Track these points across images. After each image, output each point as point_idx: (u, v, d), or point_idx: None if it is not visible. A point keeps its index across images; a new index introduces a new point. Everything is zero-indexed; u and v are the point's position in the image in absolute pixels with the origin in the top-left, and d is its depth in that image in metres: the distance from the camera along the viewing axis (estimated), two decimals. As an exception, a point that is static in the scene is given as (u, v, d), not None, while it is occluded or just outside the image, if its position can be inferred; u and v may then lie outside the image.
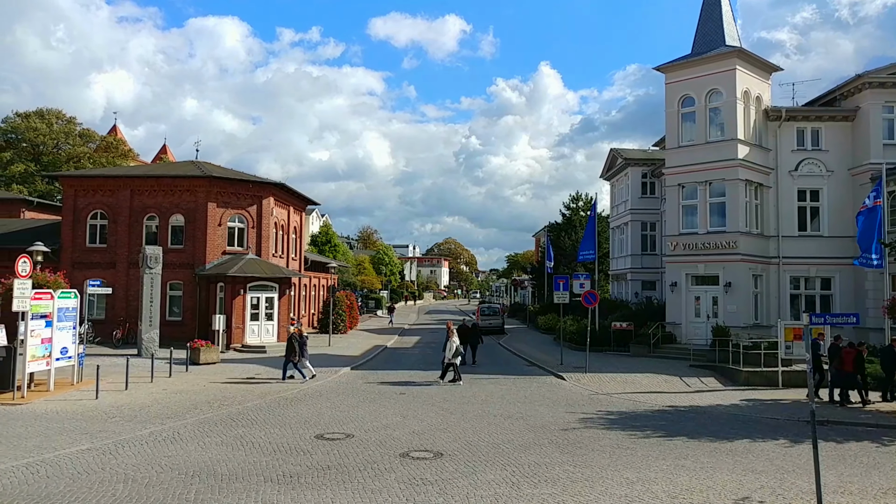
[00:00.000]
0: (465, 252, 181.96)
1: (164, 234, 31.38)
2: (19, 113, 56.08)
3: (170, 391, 19.22)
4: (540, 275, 55.78)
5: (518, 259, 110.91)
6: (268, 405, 17.50)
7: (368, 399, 18.68)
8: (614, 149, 43.41)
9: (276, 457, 12.02)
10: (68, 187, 32.74)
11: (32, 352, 17.71)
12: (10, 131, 54.92)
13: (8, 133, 54.99)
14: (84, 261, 31.13)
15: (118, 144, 59.96)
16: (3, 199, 43.52)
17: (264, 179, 34.92)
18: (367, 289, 71.65)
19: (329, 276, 47.06)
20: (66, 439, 13.03)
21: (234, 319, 30.17)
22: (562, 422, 15.78)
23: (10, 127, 55.08)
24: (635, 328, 30.57)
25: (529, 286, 71.19)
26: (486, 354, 31.60)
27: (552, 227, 57.06)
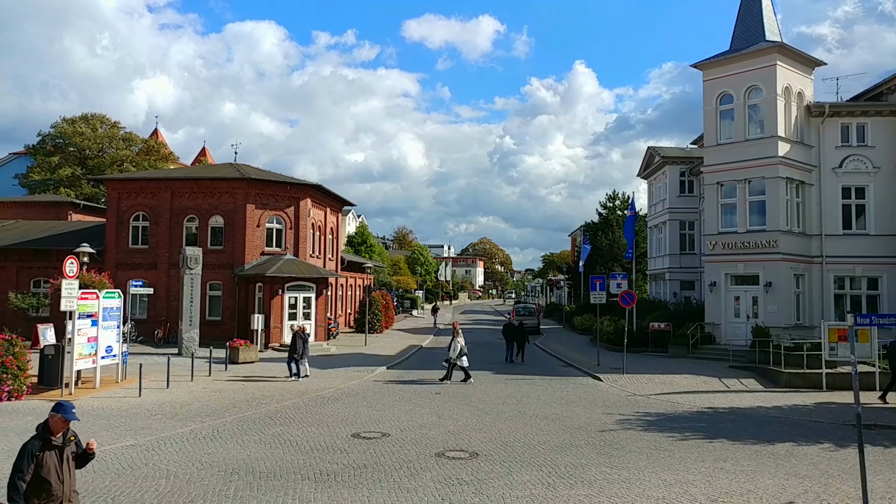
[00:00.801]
0: (499, 252, 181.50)
1: (204, 236, 31.93)
2: (66, 118, 57.63)
3: (209, 390, 19.55)
4: (576, 275, 55.37)
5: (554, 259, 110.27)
6: (305, 404, 17.70)
7: (404, 398, 18.76)
8: (652, 147, 42.89)
9: (313, 455, 12.16)
10: (112, 190, 33.54)
11: (79, 350, 18.19)
12: (58, 136, 56.44)
13: (56, 138, 56.51)
14: (127, 261, 31.85)
15: (159, 147, 61.17)
16: (52, 203, 44.85)
17: (301, 181, 35.30)
18: (402, 289, 71.97)
19: (365, 276, 47.39)
20: (111, 435, 13.35)
21: (272, 319, 30.57)
22: (598, 423, 15.65)
23: (58, 132, 56.59)
24: (673, 329, 30.16)
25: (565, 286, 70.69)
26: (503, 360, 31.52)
27: (588, 227, 56.59)
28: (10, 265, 32.74)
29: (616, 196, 56.70)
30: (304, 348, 22.07)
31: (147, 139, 62.23)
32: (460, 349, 21.98)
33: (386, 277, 65.76)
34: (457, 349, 21.95)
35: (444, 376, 22.13)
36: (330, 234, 39.01)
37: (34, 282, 32.16)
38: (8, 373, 16.80)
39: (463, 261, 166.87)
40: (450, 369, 22.10)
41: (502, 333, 30.63)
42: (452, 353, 22.02)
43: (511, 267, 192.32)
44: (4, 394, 16.72)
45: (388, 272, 69.49)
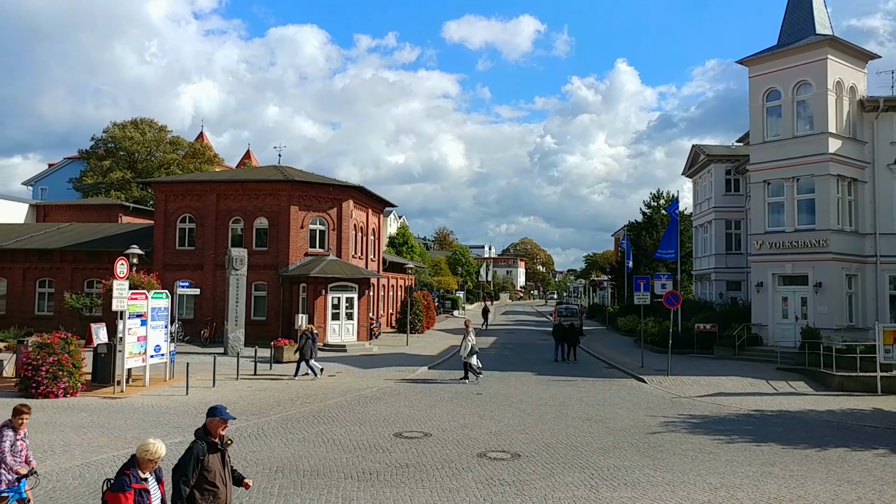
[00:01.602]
0: (541, 252, 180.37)
1: (249, 237, 32.47)
2: (117, 123, 59.27)
3: (254, 388, 19.89)
4: (619, 275, 54.72)
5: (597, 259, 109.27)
6: (348, 403, 17.87)
7: (445, 399, 18.80)
8: (696, 145, 42.16)
9: (356, 454, 12.27)
10: (160, 193, 34.35)
11: (130, 349, 18.69)
12: (109, 141, 58.11)
13: (107, 143, 58.21)
14: (174, 263, 32.59)
15: (205, 150, 62.45)
16: (104, 205, 46.23)
17: (344, 183, 35.65)
18: (443, 289, 72.06)
19: (406, 277, 47.61)
20: (160, 432, 13.67)
21: (315, 319, 30.92)
22: (642, 425, 15.45)
23: (109, 137, 58.27)
24: (719, 330, 29.59)
25: (608, 287, 69.90)
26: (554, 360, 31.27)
27: (632, 227, 55.88)
28: (66, 266, 33.81)
29: (660, 195, 55.88)
30: (312, 347, 22.39)
31: (193, 142, 63.61)
32: (471, 348, 22.06)
33: (427, 278, 65.93)
34: (467, 347, 22.09)
35: (465, 376, 22.29)
36: (372, 235, 39.31)
37: (87, 282, 33.14)
38: (64, 370, 17.36)
39: (504, 261, 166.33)
40: (465, 368, 22.27)
41: (552, 334, 31.22)
42: (463, 351, 22.21)
43: (553, 267, 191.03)
44: (60, 390, 17.27)
45: (429, 273, 69.66)
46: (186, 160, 58.84)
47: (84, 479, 10.40)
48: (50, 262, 34.04)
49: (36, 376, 17.16)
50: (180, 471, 6.12)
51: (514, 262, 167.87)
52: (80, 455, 11.73)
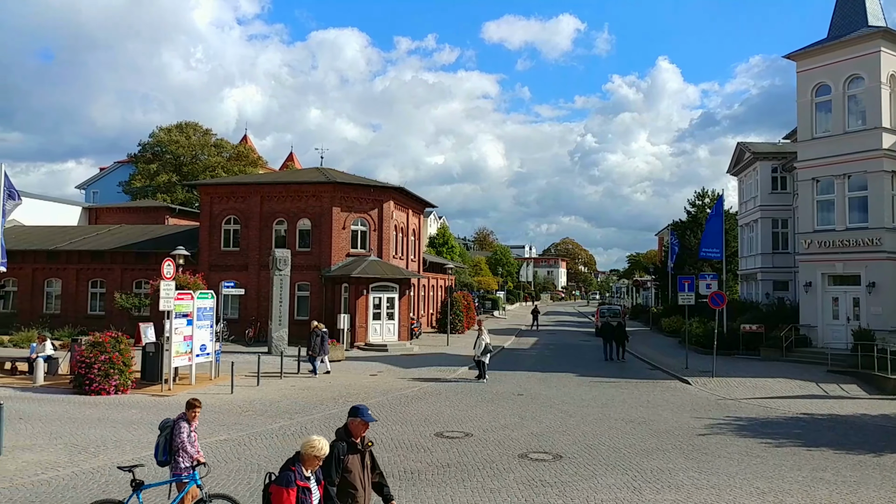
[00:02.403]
0: (583, 252, 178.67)
1: (292, 238, 32.89)
2: (163, 128, 60.74)
3: (298, 387, 20.14)
4: (663, 275, 53.90)
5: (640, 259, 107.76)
6: (389, 402, 17.97)
7: (486, 399, 18.77)
8: (741, 143, 41.30)
9: (397, 453, 12.33)
10: (205, 195, 35.03)
11: (176, 348, 19.10)
12: (156, 145, 59.55)
13: (154, 147, 59.66)
14: (219, 263, 33.19)
15: (248, 153, 63.47)
16: (151, 208, 47.38)
17: (384, 184, 35.88)
18: (483, 289, 71.94)
19: (446, 277, 47.69)
20: (206, 430, 13.94)
21: (357, 319, 31.21)
22: (687, 427, 15.20)
23: (156, 141, 59.71)
24: (766, 331, 28.93)
25: (652, 287, 68.92)
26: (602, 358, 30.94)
27: (676, 226, 55.00)
28: (116, 267, 34.73)
29: (705, 194, 54.90)
30: (321, 345, 22.71)
31: (237, 145, 64.73)
32: (485, 346, 22.09)
33: (467, 278, 65.93)
34: (481, 346, 22.08)
35: (478, 374, 22.38)
36: (412, 236, 39.48)
37: (136, 283, 33.96)
38: (115, 368, 17.84)
39: (545, 261, 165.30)
40: (481, 367, 22.30)
41: (601, 333, 31.63)
42: (477, 350, 22.22)
43: (595, 267, 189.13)
44: (112, 388, 17.75)
45: (470, 273, 69.64)
46: (231, 163, 59.92)
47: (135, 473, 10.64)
48: (101, 263, 35.02)
49: (89, 374, 17.67)
50: (323, 474, 5.97)
51: (556, 262, 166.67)
52: (131, 450, 12.03)
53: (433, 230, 74.00)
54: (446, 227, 78.10)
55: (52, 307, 35.33)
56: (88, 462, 11.22)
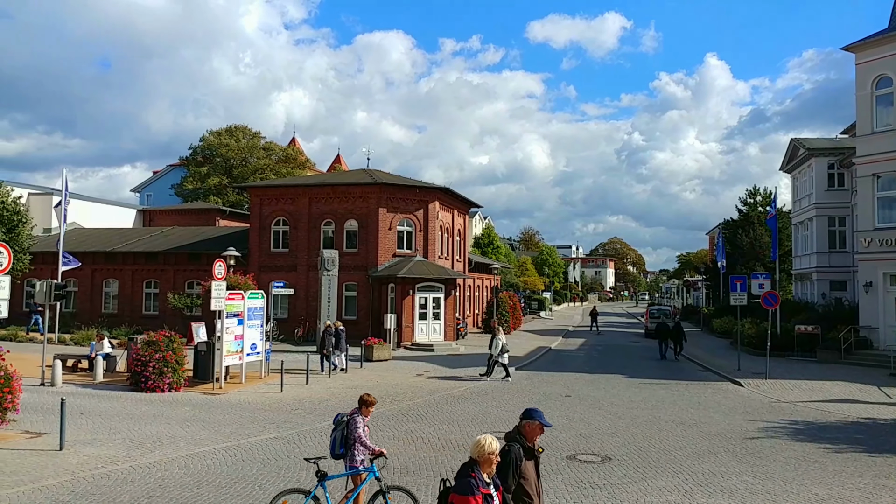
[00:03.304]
0: (631, 252, 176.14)
1: (340, 239, 33.27)
2: (213, 131, 62.13)
3: (346, 386, 20.34)
4: (714, 275, 52.76)
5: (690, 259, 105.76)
6: (436, 402, 18.01)
7: (533, 400, 18.65)
8: (795, 139, 40.16)
9: (444, 453, 12.35)
10: (255, 197, 35.68)
11: (227, 347, 19.48)
12: (206, 148, 60.94)
13: (205, 150, 61.05)
14: (269, 264, 33.76)
15: (297, 156, 64.42)
16: (202, 210, 48.55)
17: (430, 184, 36.01)
18: (529, 290, 71.57)
19: (492, 277, 47.58)
20: (256, 427, 14.21)
21: (403, 318, 31.39)
22: (739, 430, 14.85)
23: (207, 145, 61.10)
24: (822, 332, 28.07)
25: (703, 287, 67.56)
26: (657, 358, 30.49)
27: (727, 225, 53.77)
28: (169, 268, 35.66)
29: (757, 192, 53.56)
30: (336, 343, 22.94)
31: (286, 148, 65.74)
32: (502, 346, 22.06)
33: (513, 278, 65.68)
34: (498, 346, 22.04)
35: (484, 372, 22.44)
36: (457, 236, 39.52)
37: (188, 283, 34.80)
38: (168, 367, 18.30)
39: (592, 261, 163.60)
40: (491, 365, 22.32)
41: (656, 333, 32.10)
42: (494, 350, 22.18)
43: (644, 267, 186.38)
44: (165, 385, 18.21)
45: (515, 273, 69.35)
46: (279, 165, 60.92)
47: (189, 469, 10.92)
48: (155, 264, 36.00)
49: (144, 372, 18.17)
50: (498, 476, 5.52)
51: (603, 262, 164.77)
52: (185, 447, 12.32)
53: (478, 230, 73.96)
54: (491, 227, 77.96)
55: (110, 307, 36.45)
56: (145, 457, 11.53)
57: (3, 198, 23.62)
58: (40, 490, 9.65)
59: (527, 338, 39.53)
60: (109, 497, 9.44)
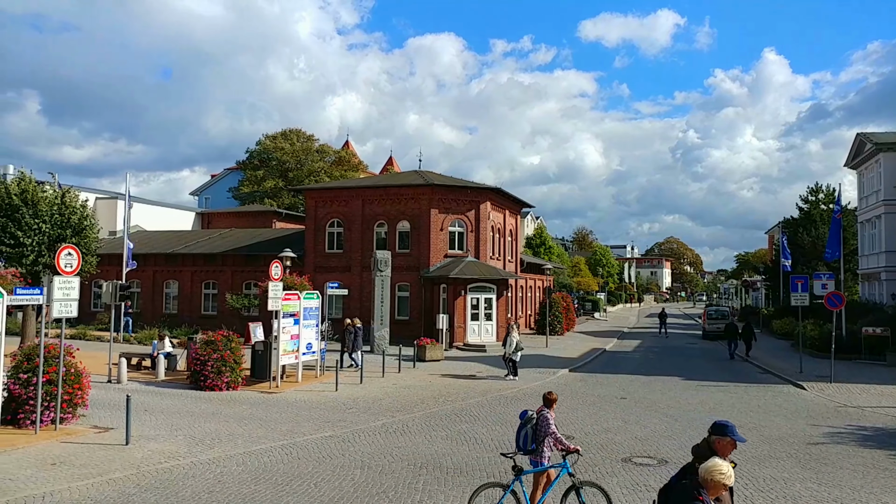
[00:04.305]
0: (688, 252, 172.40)
1: (392, 240, 33.55)
2: (268, 135, 63.45)
3: (399, 386, 20.49)
4: (774, 275, 51.24)
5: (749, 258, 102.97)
6: (489, 402, 17.98)
7: (588, 402, 18.46)
8: (861, 134, 38.70)
9: (497, 454, 12.31)
10: (310, 199, 36.27)
11: (284, 346, 19.84)
12: (262, 152, 62.28)
13: (261, 154, 62.39)
14: (324, 265, 34.26)
15: (350, 158, 65.29)
16: (259, 212, 49.62)
17: (481, 185, 35.98)
18: (583, 290, 70.79)
19: (544, 278, 47.25)
20: (311, 426, 14.43)
21: (455, 319, 31.44)
22: (803, 435, 14.38)
23: (262, 148, 62.45)
24: (892, 334, 26.96)
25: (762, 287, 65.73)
26: (713, 360, 29.82)
27: (787, 223, 52.16)
28: (227, 269, 36.53)
29: (819, 189, 51.79)
30: (355, 341, 23.24)
31: (339, 150, 66.65)
32: (516, 344, 22.19)
33: (566, 279, 65.03)
34: (512, 344, 22.18)
35: (507, 372, 22.65)
36: (509, 236, 39.38)
37: (245, 284, 35.57)
38: (226, 366, 18.73)
39: (647, 261, 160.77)
40: (512, 365, 22.49)
41: (725, 332, 32.33)
42: (508, 347, 22.32)
43: (701, 267, 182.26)
44: (224, 384, 18.65)
45: (569, 274, 68.65)
46: (333, 168, 61.80)
47: (247, 466, 11.16)
48: (214, 265, 36.92)
49: (203, 370, 18.64)
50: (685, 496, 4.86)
51: (659, 262, 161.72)
52: (242, 444, 12.60)
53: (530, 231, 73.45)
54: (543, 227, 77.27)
55: (170, 307, 37.54)
56: (205, 453, 11.83)
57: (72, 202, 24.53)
58: (108, 483, 10.01)
59: (580, 339, 39.13)
60: (172, 491, 9.72)
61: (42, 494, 9.35)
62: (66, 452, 11.57)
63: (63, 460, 11.06)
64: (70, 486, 9.75)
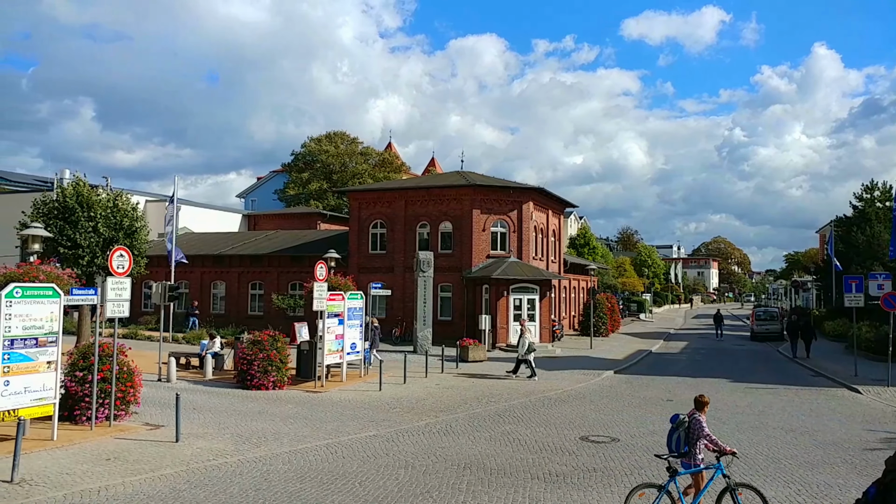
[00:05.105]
0: (736, 252, 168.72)
1: (435, 240, 33.64)
2: (313, 138, 64.27)
3: (442, 386, 20.53)
4: (826, 275, 49.85)
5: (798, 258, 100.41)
6: (532, 404, 17.89)
7: (633, 404, 18.23)
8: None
9: (541, 455, 12.25)
10: (353, 201, 36.63)
11: (328, 346, 20.05)
12: (307, 155, 63.13)
13: (306, 156, 63.25)
14: (367, 266, 34.54)
15: (392, 160, 65.71)
16: (304, 214, 50.33)
17: (523, 185, 35.83)
18: (628, 291, 69.89)
19: (588, 279, 46.80)
20: (356, 425, 14.56)
21: (498, 320, 31.35)
22: (858, 440, 13.95)
23: (307, 151, 63.29)
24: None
25: (813, 288, 64.00)
26: (763, 362, 29.15)
27: (840, 222, 50.61)
28: (273, 270, 37.12)
29: (874, 186, 50.13)
30: (373, 339, 23.72)
31: (382, 152, 67.10)
32: (528, 345, 22.46)
33: (611, 279, 64.26)
34: (524, 345, 22.44)
35: (513, 369, 23.03)
36: (552, 237, 39.12)
37: (291, 284, 36.08)
38: (272, 365, 19.03)
39: (694, 261, 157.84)
40: (517, 365, 22.92)
41: (788, 331, 32.84)
42: (521, 348, 22.57)
43: (749, 268, 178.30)
44: (270, 383, 18.94)
45: (613, 274, 67.81)
46: (376, 169, 62.26)
47: (292, 464, 11.32)
48: (260, 266, 37.56)
49: (250, 370, 18.96)
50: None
51: (706, 262, 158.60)
52: (288, 443, 12.78)
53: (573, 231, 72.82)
54: (587, 227, 76.52)
55: (218, 307, 38.31)
56: (252, 452, 12.04)
57: (124, 205, 25.25)
58: (160, 478, 10.26)
59: (625, 341, 38.66)
60: (220, 488, 9.92)
61: (98, 489, 9.64)
62: (119, 448, 11.90)
63: (117, 456, 11.38)
64: (124, 480, 10.04)
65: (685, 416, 8.74)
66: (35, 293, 11.90)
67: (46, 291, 12.11)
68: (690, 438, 8.55)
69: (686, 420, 8.68)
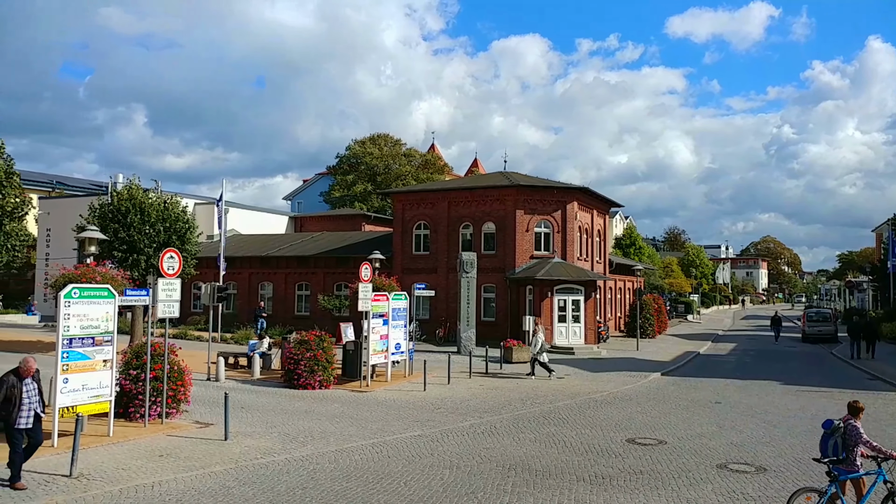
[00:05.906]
0: (786, 251, 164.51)
1: (478, 241, 33.62)
2: (357, 141, 64.97)
3: (486, 387, 20.52)
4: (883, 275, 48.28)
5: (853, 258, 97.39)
6: (578, 406, 17.75)
7: (680, 406, 17.94)
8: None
9: (587, 457, 12.16)
10: (397, 202, 36.86)
11: (373, 346, 20.23)
12: (352, 157, 63.82)
13: (350, 159, 63.95)
14: (411, 266, 34.71)
15: (435, 161, 65.98)
16: (349, 216, 50.87)
17: (567, 185, 35.56)
18: (675, 292, 68.78)
19: (635, 279, 46.20)
20: (401, 425, 14.66)
21: (542, 321, 31.14)
22: (917, 446, 13.46)
23: (352, 153, 63.99)
24: None
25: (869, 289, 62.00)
26: (816, 364, 28.40)
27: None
28: (319, 271, 37.60)
29: (934, 183, 48.36)
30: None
31: (425, 154, 67.39)
32: (541, 345, 22.26)
33: (657, 280, 63.30)
34: (537, 345, 22.25)
35: (529, 372, 22.75)
36: (597, 237, 38.72)
37: (336, 285, 36.47)
38: (319, 365, 19.27)
39: (743, 261, 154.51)
40: (532, 364, 22.66)
41: (849, 331, 31.67)
42: (533, 349, 22.44)
43: (799, 268, 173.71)
44: (316, 383, 19.19)
45: (660, 275, 66.79)
46: (420, 171, 62.59)
47: (338, 463, 11.45)
48: (306, 267, 38.08)
49: (297, 369, 19.24)
50: None
51: (755, 262, 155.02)
52: (335, 442, 12.94)
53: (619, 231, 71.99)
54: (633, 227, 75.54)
55: (265, 308, 38.92)
56: (298, 450, 12.22)
57: (174, 208, 25.92)
58: (209, 476, 10.50)
59: (672, 342, 38.06)
60: (268, 486, 10.10)
61: (151, 484, 9.93)
62: (171, 445, 12.22)
63: (169, 452, 11.69)
64: (176, 476, 10.30)
65: (839, 422, 8.63)
66: (92, 294, 12.29)
67: (102, 292, 12.50)
68: (847, 445, 8.44)
69: (841, 426, 8.56)
